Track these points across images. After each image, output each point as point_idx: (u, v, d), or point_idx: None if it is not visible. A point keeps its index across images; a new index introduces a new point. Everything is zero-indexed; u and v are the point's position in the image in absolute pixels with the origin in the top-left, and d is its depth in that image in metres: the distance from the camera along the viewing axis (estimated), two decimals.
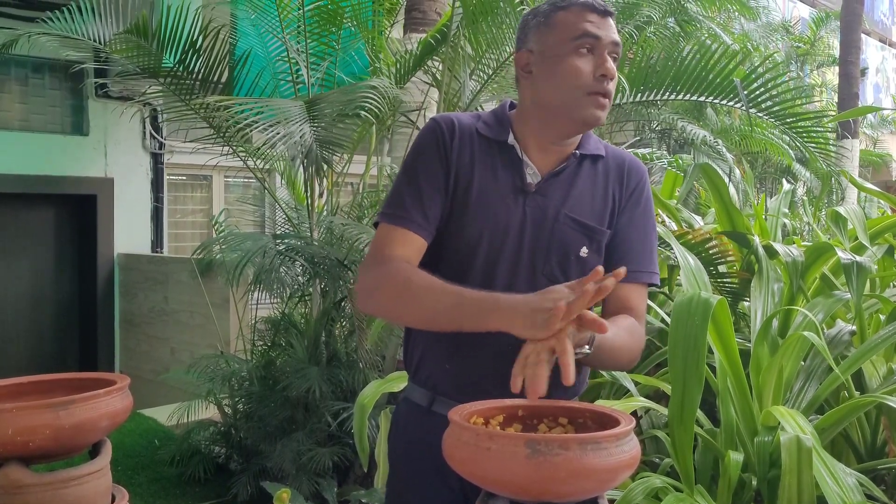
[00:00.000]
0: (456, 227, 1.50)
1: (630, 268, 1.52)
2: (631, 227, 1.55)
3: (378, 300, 1.48)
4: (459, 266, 1.49)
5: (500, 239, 1.49)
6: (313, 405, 3.74)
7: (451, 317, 1.35)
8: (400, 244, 1.47)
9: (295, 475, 3.54)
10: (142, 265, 6.26)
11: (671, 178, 4.18)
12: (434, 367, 1.55)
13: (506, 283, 1.48)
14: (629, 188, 1.56)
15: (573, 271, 1.50)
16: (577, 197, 1.52)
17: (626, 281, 1.53)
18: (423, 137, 1.54)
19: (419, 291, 1.39)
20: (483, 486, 1.11)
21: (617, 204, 1.55)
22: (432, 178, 1.49)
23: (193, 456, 4.13)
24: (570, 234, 1.50)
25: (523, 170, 1.51)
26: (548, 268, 1.50)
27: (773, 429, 2.45)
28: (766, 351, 2.57)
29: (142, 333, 6.24)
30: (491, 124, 1.54)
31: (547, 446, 1.02)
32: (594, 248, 1.52)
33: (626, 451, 1.07)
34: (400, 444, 1.63)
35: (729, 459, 2.32)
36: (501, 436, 1.05)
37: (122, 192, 6.42)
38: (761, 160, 9.40)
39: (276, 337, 4.12)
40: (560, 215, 1.50)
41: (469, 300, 1.33)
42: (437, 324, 1.40)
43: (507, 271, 1.49)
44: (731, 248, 3.33)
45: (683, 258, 2.88)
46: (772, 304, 2.91)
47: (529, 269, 1.50)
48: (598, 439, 1.04)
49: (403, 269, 1.43)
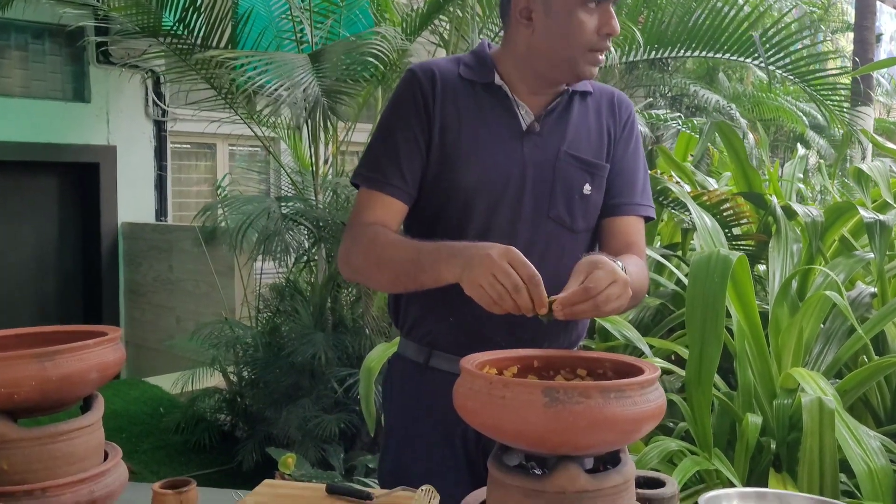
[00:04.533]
0: (450, 180, 1.42)
1: (628, 201, 1.48)
2: (626, 160, 1.51)
3: (353, 265, 1.43)
4: (458, 219, 1.42)
5: (501, 185, 1.41)
6: (319, 372, 3.68)
7: (410, 272, 1.31)
8: (376, 209, 1.42)
9: (301, 442, 3.48)
10: (146, 234, 6.18)
11: (685, 140, 4.07)
12: (435, 321, 1.47)
13: (507, 230, 1.41)
14: (621, 120, 1.52)
15: (578, 211, 1.45)
16: (575, 134, 1.46)
17: (626, 213, 1.47)
18: (399, 90, 1.46)
19: (383, 250, 1.35)
20: (497, 437, 1.03)
21: (612, 137, 1.50)
22: (410, 135, 1.42)
23: (199, 423, 4.08)
24: (572, 173, 1.44)
25: (516, 111, 1.44)
26: (554, 210, 1.43)
27: (793, 391, 2.38)
28: (786, 312, 2.49)
29: (146, 303, 6.18)
30: (473, 66, 1.46)
31: (566, 394, 0.94)
32: (596, 184, 1.46)
33: (651, 401, 0.99)
34: (395, 404, 1.56)
35: (747, 422, 2.25)
36: (517, 383, 0.97)
37: (125, 161, 6.32)
38: (773, 128, 9.25)
39: (282, 304, 4.05)
40: (561, 154, 1.44)
41: (426, 251, 1.29)
42: (401, 283, 1.36)
43: (508, 218, 1.42)
44: (748, 210, 3.24)
45: (700, 218, 2.79)
46: (790, 265, 2.82)
47: (533, 213, 1.43)
48: (621, 387, 0.97)
49: (373, 231, 1.38)
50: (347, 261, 1.42)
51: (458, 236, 1.41)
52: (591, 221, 1.47)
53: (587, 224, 1.47)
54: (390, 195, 1.41)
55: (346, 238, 1.44)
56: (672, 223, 3.68)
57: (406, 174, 1.41)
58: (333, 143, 4.21)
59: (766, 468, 2.34)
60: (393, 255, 1.33)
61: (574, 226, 1.44)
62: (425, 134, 1.41)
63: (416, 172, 1.42)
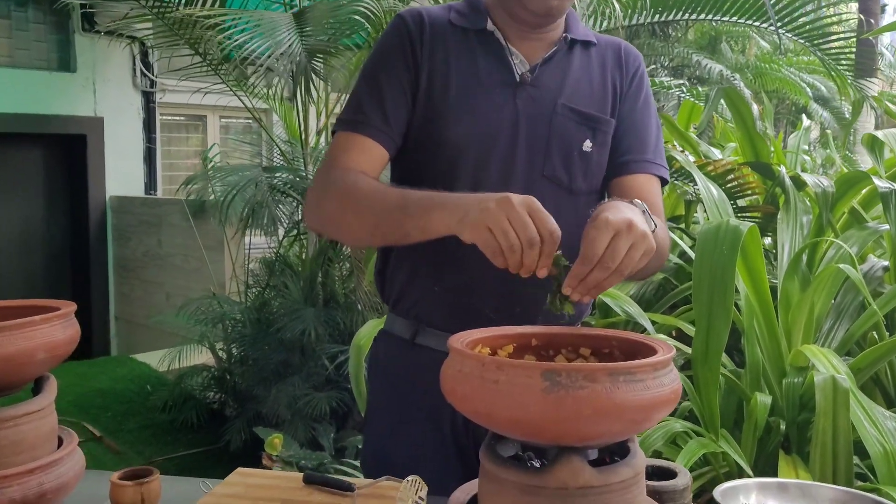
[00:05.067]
0: (436, 133, 1.29)
1: (639, 157, 1.35)
2: (635, 116, 1.37)
3: (324, 211, 1.28)
4: (444, 176, 1.29)
5: (491, 139, 1.29)
6: (310, 348, 3.56)
7: (395, 220, 1.16)
8: (355, 153, 1.28)
9: (290, 421, 3.37)
10: (135, 208, 6.04)
11: (688, 109, 3.92)
12: (421, 291, 1.35)
13: (497, 190, 1.28)
14: (629, 73, 1.38)
15: (577, 170, 1.32)
16: (575, 85, 1.32)
17: (637, 171, 1.34)
18: (386, 36, 1.34)
19: (363, 196, 1.21)
20: (490, 426, 0.91)
21: (618, 91, 1.36)
22: (396, 80, 1.29)
23: (186, 402, 3.98)
24: (570, 127, 1.31)
25: (509, 59, 1.31)
26: (549, 167, 1.30)
27: (803, 369, 2.26)
28: (797, 286, 2.36)
29: (136, 278, 6.05)
30: (465, 13, 1.34)
31: (569, 377, 0.82)
32: (599, 141, 1.33)
33: (665, 385, 0.86)
34: (380, 384, 1.44)
35: (756, 402, 2.14)
36: (512, 365, 0.85)
37: (113, 133, 6.17)
38: (774, 100, 9.09)
39: (271, 278, 3.93)
40: (558, 106, 1.30)
41: (414, 199, 1.14)
42: (381, 232, 1.21)
43: (498, 176, 1.29)
44: (755, 181, 3.10)
45: (706, 189, 2.66)
46: (800, 237, 2.69)
47: (526, 170, 1.29)
48: (631, 369, 0.84)
49: (351, 176, 1.24)
50: (318, 206, 1.28)
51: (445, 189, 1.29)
52: (593, 182, 1.34)
53: (588, 185, 1.34)
54: (372, 138, 1.27)
55: (317, 182, 1.30)
56: (675, 195, 3.55)
57: (390, 119, 1.28)
58: (325, 113, 4.06)
59: (774, 450, 2.23)
60: (374, 200, 1.19)
61: (572, 186, 1.31)
62: (412, 82, 1.29)
63: (400, 120, 1.29)
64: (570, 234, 1.11)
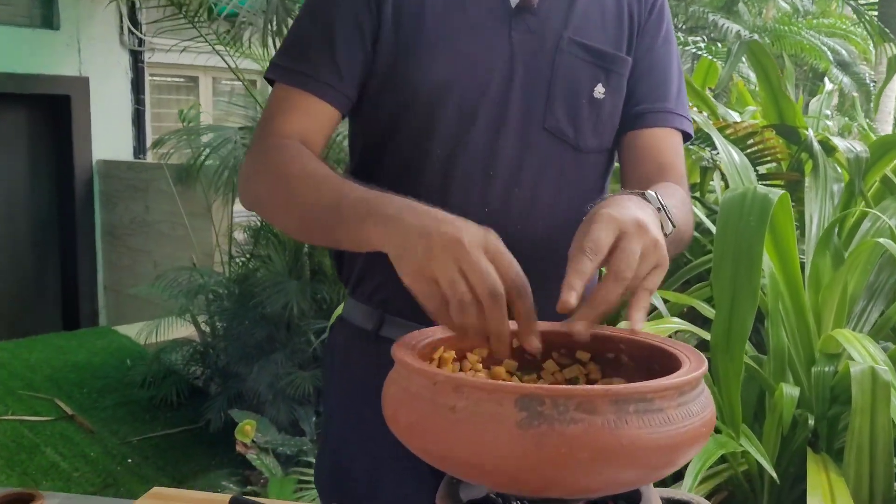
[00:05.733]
0: (407, 78, 1.02)
1: (659, 107, 1.07)
2: (654, 55, 1.09)
3: (255, 194, 1.01)
4: (418, 132, 1.03)
5: (477, 84, 1.01)
6: (295, 324, 3.32)
7: (325, 223, 0.88)
8: (297, 115, 1.01)
9: (272, 402, 3.14)
10: (121, 172, 5.79)
11: (704, 67, 3.63)
12: (386, 272, 1.07)
13: (484, 148, 1.01)
14: (648, 3, 1.10)
15: (586, 122, 1.04)
16: (583, 15, 1.05)
17: (656, 124, 1.06)
18: None
19: (295, 184, 0.93)
20: (448, 471, 0.66)
21: (636, 22, 1.08)
22: (350, 13, 1.01)
23: (167, 378, 3.75)
24: (578, 68, 1.03)
25: None
26: (551, 119, 1.03)
27: (835, 357, 2.01)
28: (828, 263, 2.10)
29: (123, 246, 5.81)
30: None
31: (556, 406, 0.57)
32: (613, 85, 1.05)
33: (694, 415, 0.61)
34: (337, 386, 1.18)
35: (781, 393, 1.88)
36: (475, 386, 0.59)
37: (99, 93, 5.89)
38: (792, 65, 8.75)
39: (255, 248, 3.68)
40: (563, 41, 1.03)
41: (351, 200, 0.84)
42: (310, 233, 0.96)
43: (487, 130, 1.02)
44: (778, 145, 2.82)
45: (727, 153, 2.39)
46: (831, 207, 2.42)
47: (522, 123, 1.02)
48: (647, 394, 0.59)
49: (287, 150, 0.96)
50: (248, 186, 1.02)
51: (419, 157, 1.03)
52: (604, 138, 1.07)
53: (599, 141, 1.07)
54: (319, 96, 1.00)
55: (249, 154, 1.04)
56: (689, 160, 3.26)
57: (342, 68, 1.00)
58: None
59: (800, 447, 1.99)
60: (306, 192, 0.91)
61: (580, 142, 1.05)
62: (373, 13, 1.01)
63: (355, 68, 1.01)
64: (574, 207, 0.86)
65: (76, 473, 3.04)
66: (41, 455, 3.15)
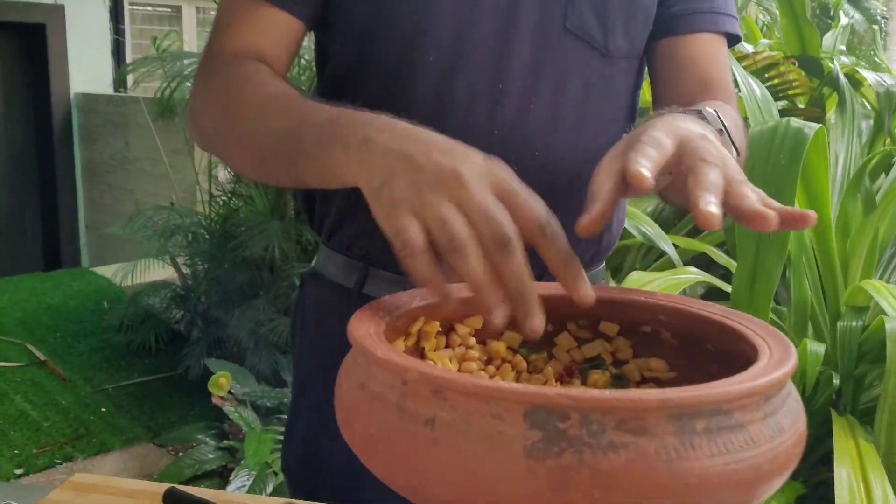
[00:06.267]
0: None
1: (702, 6, 0.86)
2: None
3: (203, 129, 0.80)
4: (405, 34, 0.80)
5: None
6: (278, 267, 3.13)
7: (284, 155, 0.67)
8: (251, 26, 0.80)
9: (253, 349, 2.97)
10: (101, 106, 5.53)
11: None
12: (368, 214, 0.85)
13: (492, 50, 0.79)
14: None
15: (616, 19, 0.82)
16: None
17: (699, 28, 0.85)
18: None
19: (248, 110, 0.72)
20: None
21: None
22: None
23: (145, 322, 3.57)
24: None
25: None
26: (574, 15, 0.81)
27: (863, 310, 1.83)
28: (859, 208, 1.90)
29: (104, 184, 5.59)
30: None
31: (586, 425, 0.37)
32: None
33: (785, 430, 0.42)
34: (309, 352, 0.97)
35: (805, 350, 1.71)
36: (465, 390, 0.40)
37: (76, 22, 5.59)
38: None
39: (237, 187, 3.46)
40: None
41: (314, 123, 0.64)
42: (268, 170, 0.73)
43: (494, 30, 0.80)
44: (799, 78, 2.60)
45: (746, 86, 2.17)
46: (858, 146, 2.21)
47: (539, 21, 0.80)
48: (720, 402, 0.39)
49: (238, 70, 0.76)
50: (197, 121, 0.81)
51: (406, 69, 0.81)
52: (637, 42, 0.85)
53: (631, 45, 0.84)
54: (275, 6, 0.79)
55: (197, 78, 0.82)
56: None
57: None
58: None
59: (823, 408, 1.82)
60: (262, 118, 0.70)
61: (609, 45, 0.82)
62: None
63: None
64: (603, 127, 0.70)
65: (46, 423, 2.87)
66: (10, 403, 2.99)
